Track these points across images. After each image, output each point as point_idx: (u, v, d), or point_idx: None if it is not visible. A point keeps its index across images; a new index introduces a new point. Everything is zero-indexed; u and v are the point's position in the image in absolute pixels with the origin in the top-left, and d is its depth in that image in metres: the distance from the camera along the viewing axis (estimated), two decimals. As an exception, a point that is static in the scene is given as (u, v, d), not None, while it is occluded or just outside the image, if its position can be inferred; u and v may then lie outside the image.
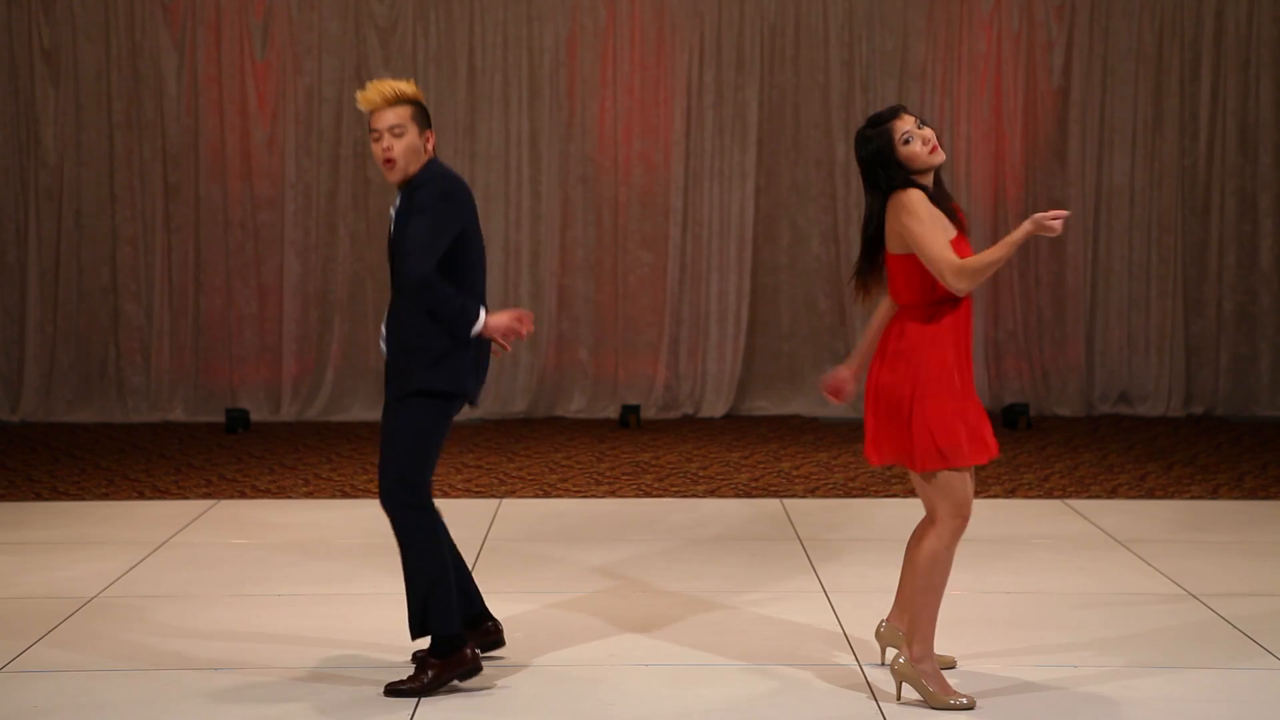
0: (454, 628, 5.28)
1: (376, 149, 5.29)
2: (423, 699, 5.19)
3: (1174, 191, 11.25)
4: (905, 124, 5.08)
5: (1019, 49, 11.18)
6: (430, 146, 5.33)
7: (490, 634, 5.56)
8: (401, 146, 5.26)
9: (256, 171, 11.10)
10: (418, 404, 5.26)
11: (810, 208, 11.24)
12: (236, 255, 11.11)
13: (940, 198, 5.14)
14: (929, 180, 5.14)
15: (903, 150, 5.08)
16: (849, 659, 5.61)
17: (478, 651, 5.35)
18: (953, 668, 5.46)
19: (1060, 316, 11.33)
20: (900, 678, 5.13)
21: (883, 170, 5.09)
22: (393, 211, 5.36)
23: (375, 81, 5.34)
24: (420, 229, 5.17)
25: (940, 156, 5.12)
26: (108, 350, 11.13)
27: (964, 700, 5.08)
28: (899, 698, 5.16)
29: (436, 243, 5.18)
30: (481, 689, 5.30)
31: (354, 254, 11.15)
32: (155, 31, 10.97)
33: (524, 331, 5.28)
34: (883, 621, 5.48)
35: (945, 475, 5.01)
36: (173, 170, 11.05)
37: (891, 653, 5.40)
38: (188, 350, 11.13)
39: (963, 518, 5.05)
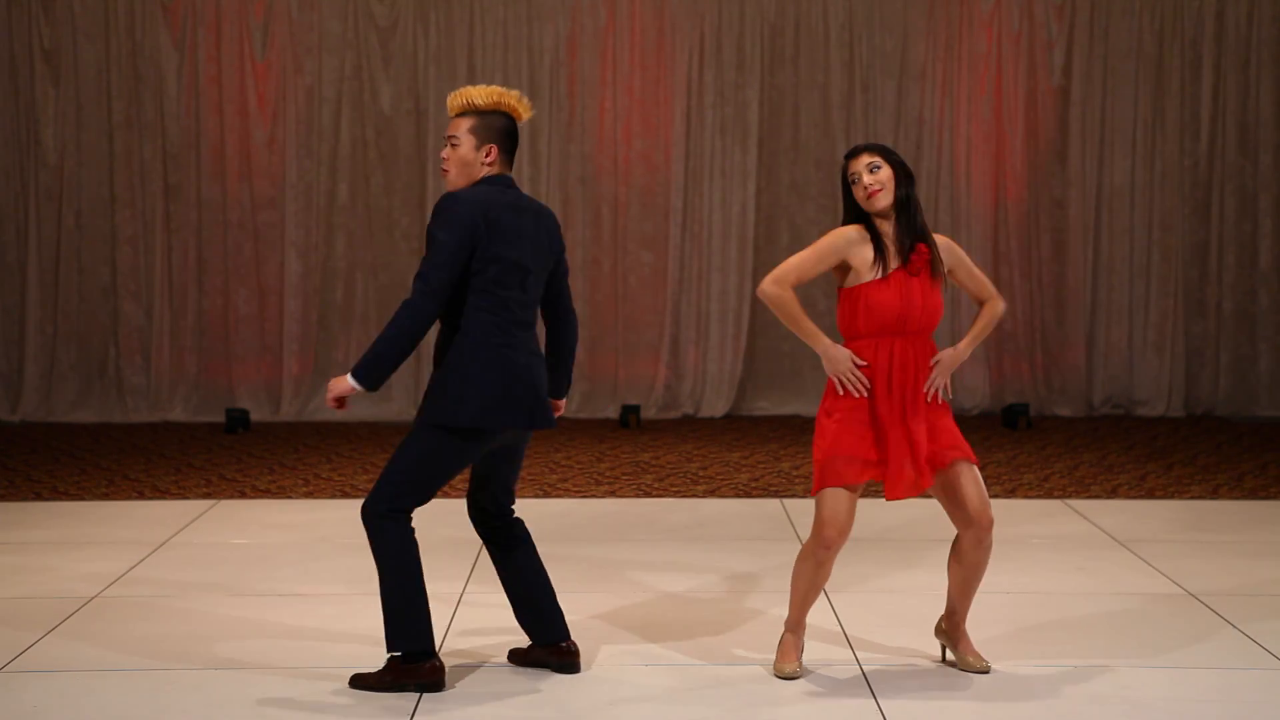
0: (414, 645, 5.20)
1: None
2: (421, 701, 5.19)
3: (1174, 191, 11.25)
4: (856, 165, 5.28)
5: (1019, 49, 11.19)
6: (489, 160, 5.26)
7: (563, 655, 5.48)
8: (455, 158, 5.28)
9: (256, 171, 11.11)
10: (430, 434, 5.19)
11: (810, 207, 11.25)
12: (236, 255, 11.12)
13: (883, 236, 5.27)
14: (887, 216, 5.26)
15: (851, 189, 5.31)
16: (849, 659, 5.61)
17: (441, 667, 5.24)
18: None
19: (1061, 317, 11.34)
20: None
21: (844, 200, 5.37)
22: None
23: (466, 87, 5.37)
24: (432, 247, 5.17)
25: (878, 202, 5.24)
26: (108, 350, 11.14)
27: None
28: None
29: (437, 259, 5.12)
30: (481, 689, 5.30)
31: (354, 254, 11.16)
32: (155, 31, 10.98)
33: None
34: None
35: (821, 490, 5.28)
36: (173, 170, 11.06)
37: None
38: (188, 350, 11.14)
39: (819, 537, 5.24)
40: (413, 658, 5.21)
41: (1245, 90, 11.23)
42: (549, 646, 5.48)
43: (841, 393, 5.30)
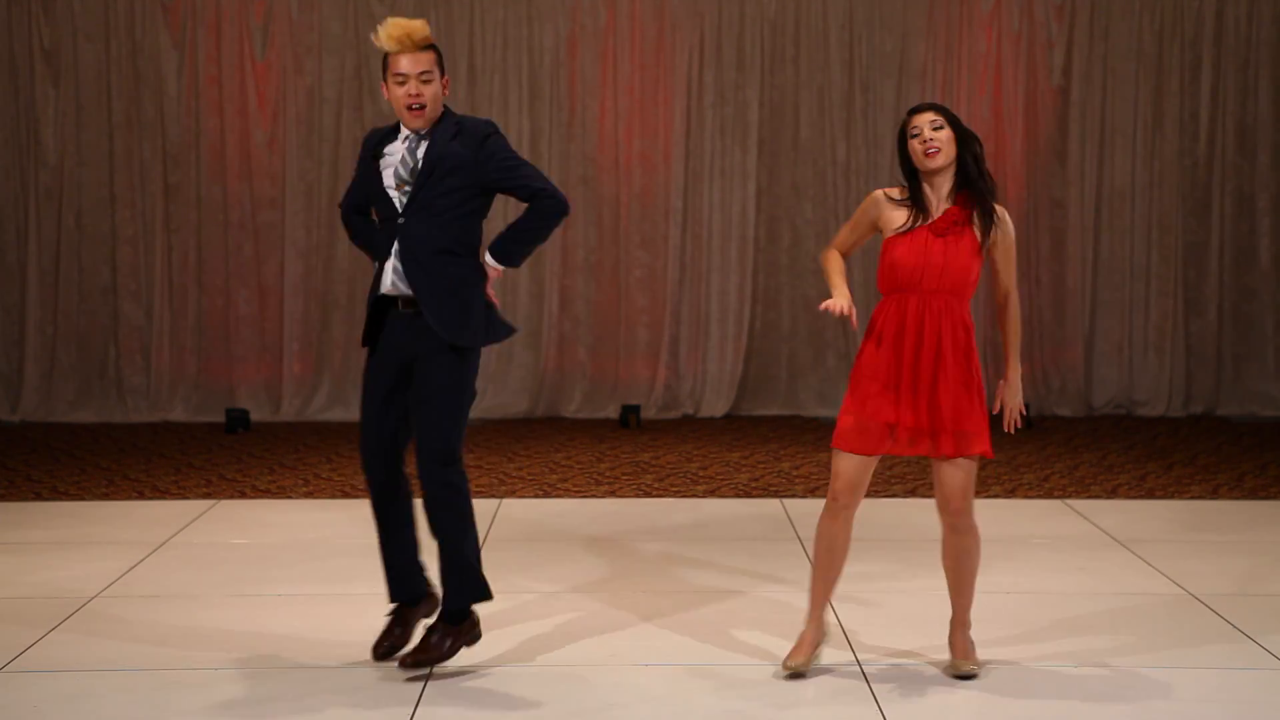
0: (468, 600, 5.38)
1: (399, 92, 5.19)
2: (422, 700, 5.19)
3: (1174, 191, 11.26)
4: (918, 120, 5.31)
5: (1019, 49, 11.19)
6: (448, 92, 5.34)
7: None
8: (430, 93, 5.22)
9: (256, 171, 11.11)
10: (464, 358, 5.26)
11: (810, 207, 11.25)
12: (236, 255, 11.12)
13: (925, 196, 5.34)
14: (940, 179, 5.32)
15: (908, 144, 5.33)
16: (849, 659, 5.61)
17: (477, 618, 5.42)
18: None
19: (1060, 316, 11.34)
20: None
21: (899, 156, 5.41)
22: (405, 155, 5.26)
23: (395, 20, 5.23)
24: (529, 167, 5.29)
25: (934, 162, 5.29)
26: (108, 350, 11.14)
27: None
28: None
29: None
30: (482, 688, 5.31)
31: (354, 254, 11.14)
32: (155, 31, 10.98)
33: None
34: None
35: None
36: (173, 170, 11.06)
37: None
38: (188, 350, 11.14)
39: (830, 491, 5.34)
40: (463, 616, 5.35)
41: (1244, 90, 11.24)
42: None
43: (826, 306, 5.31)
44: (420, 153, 5.26)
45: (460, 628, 5.35)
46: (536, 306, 11.17)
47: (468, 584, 5.34)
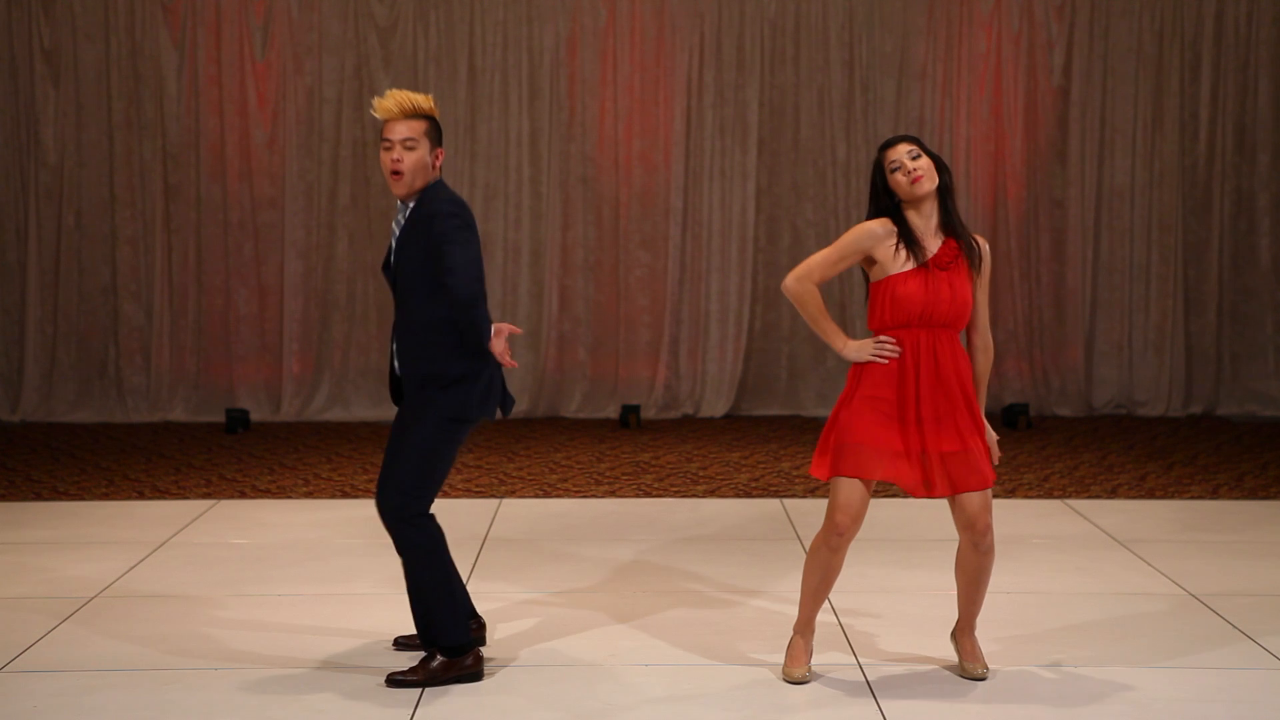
0: (461, 637, 5.34)
1: (385, 158, 5.29)
2: (422, 700, 5.19)
3: (1173, 191, 11.26)
4: (895, 153, 5.31)
5: (1019, 49, 11.19)
6: (438, 165, 5.34)
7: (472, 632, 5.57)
8: (411, 160, 5.26)
9: (256, 171, 11.11)
10: (434, 425, 5.27)
11: (809, 207, 11.25)
12: (236, 255, 11.12)
13: (914, 229, 5.30)
14: (927, 207, 5.31)
15: (890, 178, 5.31)
16: (849, 659, 5.61)
17: (481, 657, 5.39)
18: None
19: (1060, 316, 11.34)
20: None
21: (875, 193, 5.36)
22: (395, 228, 5.36)
23: (394, 91, 5.33)
24: (464, 252, 5.16)
25: (922, 188, 5.27)
26: (108, 350, 11.14)
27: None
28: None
29: (477, 263, 5.21)
30: (482, 688, 5.31)
31: (354, 254, 11.16)
32: (155, 31, 10.98)
33: (509, 358, 5.28)
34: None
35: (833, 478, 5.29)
36: (173, 170, 11.06)
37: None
38: (188, 350, 11.14)
39: (831, 523, 5.24)
40: (454, 649, 5.33)
41: (1244, 90, 11.24)
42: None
43: (873, 355, 5.25)
44: (395, 229, 5.37)
45: (453, 661, 5.34)
46: (536, 306, 11.17)
47: (428, 633, 5.38)
